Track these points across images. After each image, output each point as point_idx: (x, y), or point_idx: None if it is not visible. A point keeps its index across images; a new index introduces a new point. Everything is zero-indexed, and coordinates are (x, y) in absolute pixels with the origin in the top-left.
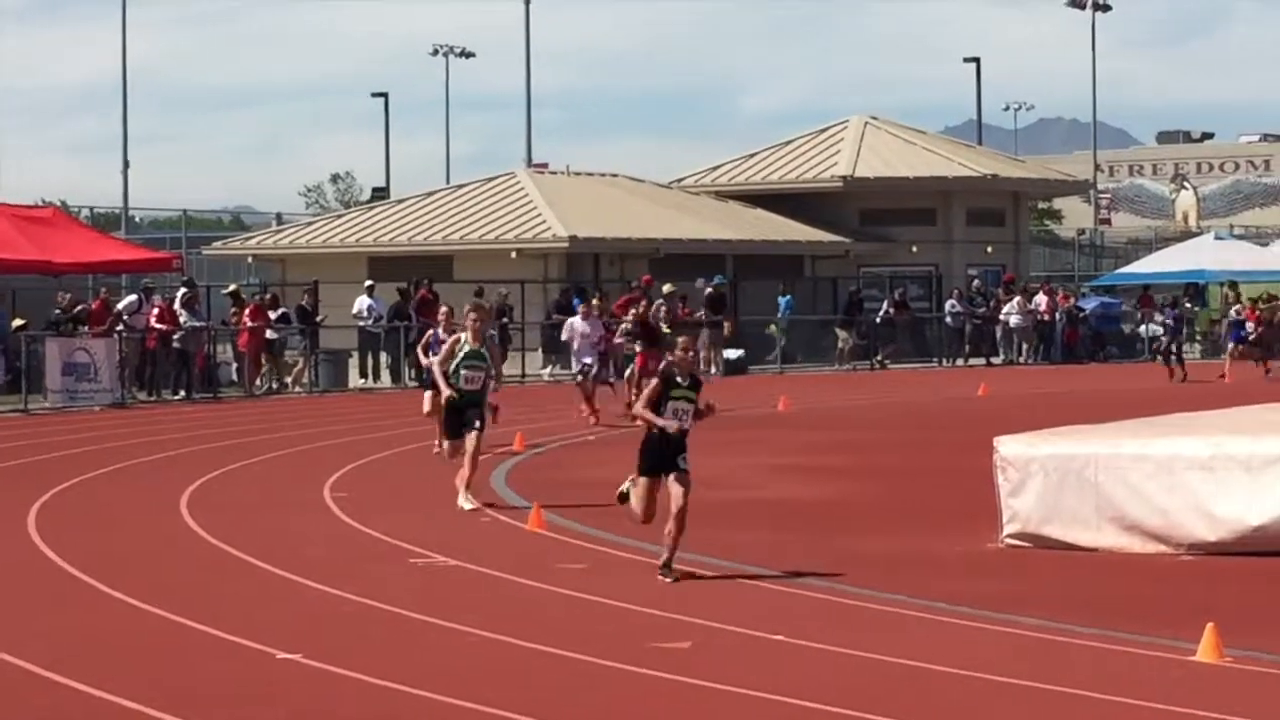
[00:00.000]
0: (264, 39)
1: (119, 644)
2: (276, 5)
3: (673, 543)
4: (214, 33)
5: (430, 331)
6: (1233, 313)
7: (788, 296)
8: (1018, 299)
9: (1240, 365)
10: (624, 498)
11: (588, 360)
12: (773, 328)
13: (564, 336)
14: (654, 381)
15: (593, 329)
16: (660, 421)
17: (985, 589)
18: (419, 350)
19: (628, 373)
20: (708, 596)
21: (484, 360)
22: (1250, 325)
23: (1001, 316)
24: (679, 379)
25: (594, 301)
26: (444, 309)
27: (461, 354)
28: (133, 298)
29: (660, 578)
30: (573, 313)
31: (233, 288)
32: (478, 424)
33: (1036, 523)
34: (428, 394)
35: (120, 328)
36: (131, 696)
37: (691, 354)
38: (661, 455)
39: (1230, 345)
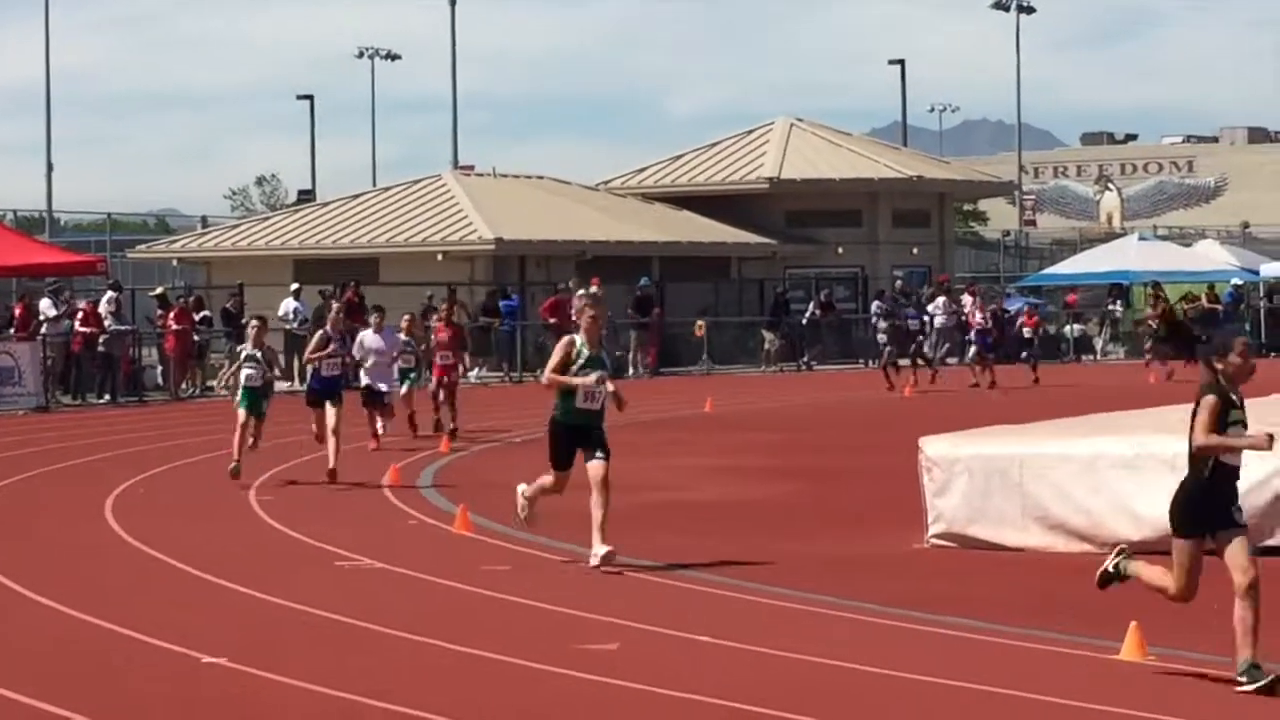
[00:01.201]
0: (189, 42)
1: (42, 649)
2: (201, 8)
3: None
4: (138, 36)
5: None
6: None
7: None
8: (942, 299)
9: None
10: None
11: (383, 387)
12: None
13: (356, 354)
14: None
15: (388, 344)
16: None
17: (911, 589)
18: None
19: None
20: (634, 598)
21: (605, 367)
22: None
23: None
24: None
25: (407, 317)
26: (406, 315)
27: (581, 360)
28: (45, 302)
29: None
30: (499, 314)
31: (159, 290)
32: (601, 452)
33: (962, 523)
34: (332, 409)
35: (43, 331)
36: (56, 702)
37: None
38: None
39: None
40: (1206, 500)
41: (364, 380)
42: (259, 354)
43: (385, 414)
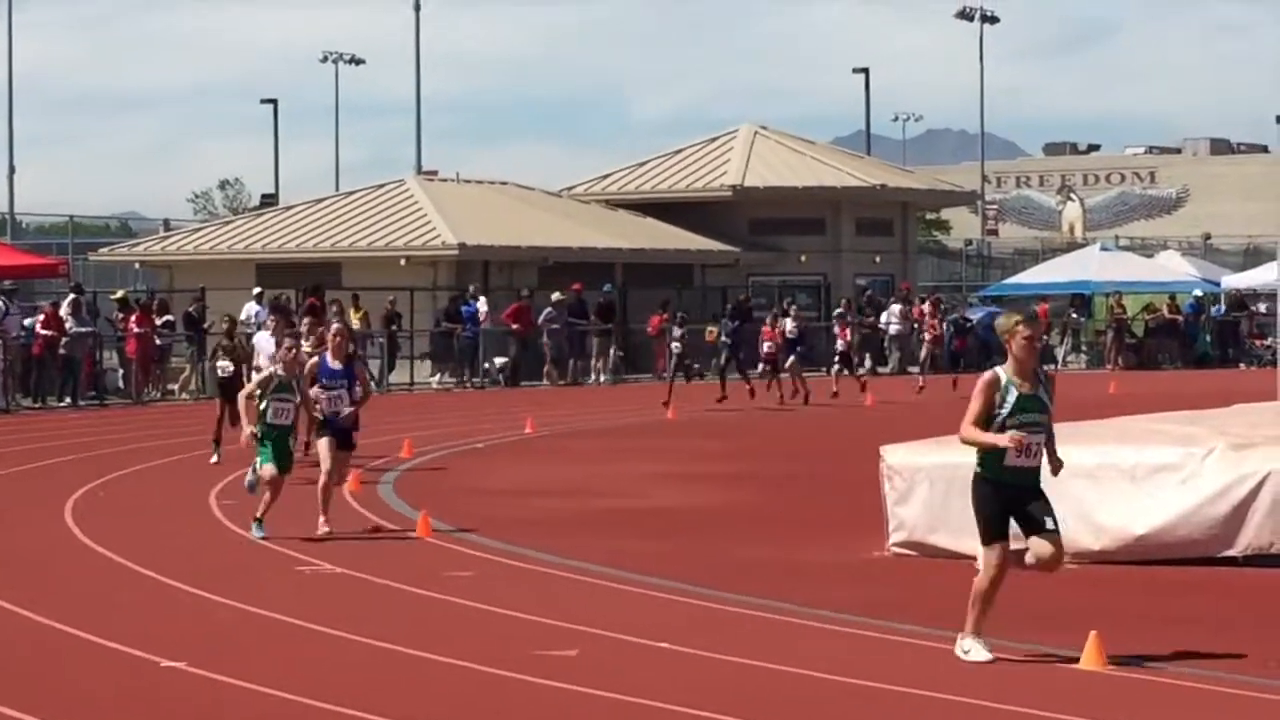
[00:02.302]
0: (152, 44)
1: (1, 651)
2: (164, 10)
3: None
4: (101, 37)
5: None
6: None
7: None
8: (898, 307)
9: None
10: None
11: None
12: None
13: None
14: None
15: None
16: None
17: (871, 597)
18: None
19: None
20: (594, 605)
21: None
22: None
23: (881, 325)
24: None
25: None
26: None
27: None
28: None
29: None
30: (460, 320)
31: (121, 294)
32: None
33: (923, 531)
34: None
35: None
36: (13, 704)
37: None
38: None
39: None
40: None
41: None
42: (294, 381)
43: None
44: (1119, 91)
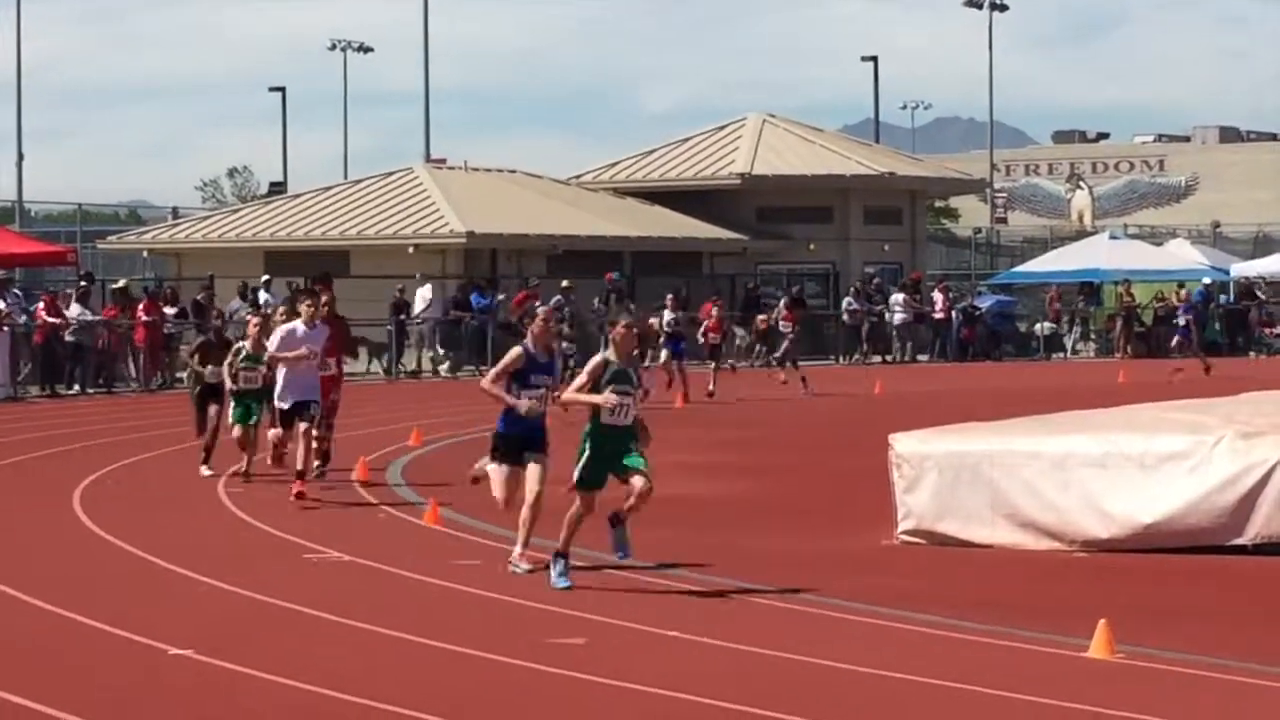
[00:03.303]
0: (161, 33)
1: (8, 641)
2: (173, 1)
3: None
4: (110, 27)
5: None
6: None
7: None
8: (902, 296)
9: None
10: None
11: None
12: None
13: (284, 344)
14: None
15: (320, 337)
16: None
17: (880, 585)
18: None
19: None
20: (604, 593)
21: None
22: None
23: (886, 314)
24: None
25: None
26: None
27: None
28: None
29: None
30: (469, 309)
31: (122, 283)
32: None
33: (931, 519)
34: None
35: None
36: (21, 693)
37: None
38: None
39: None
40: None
41: (281, 397)
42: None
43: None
44: (1128, 79)
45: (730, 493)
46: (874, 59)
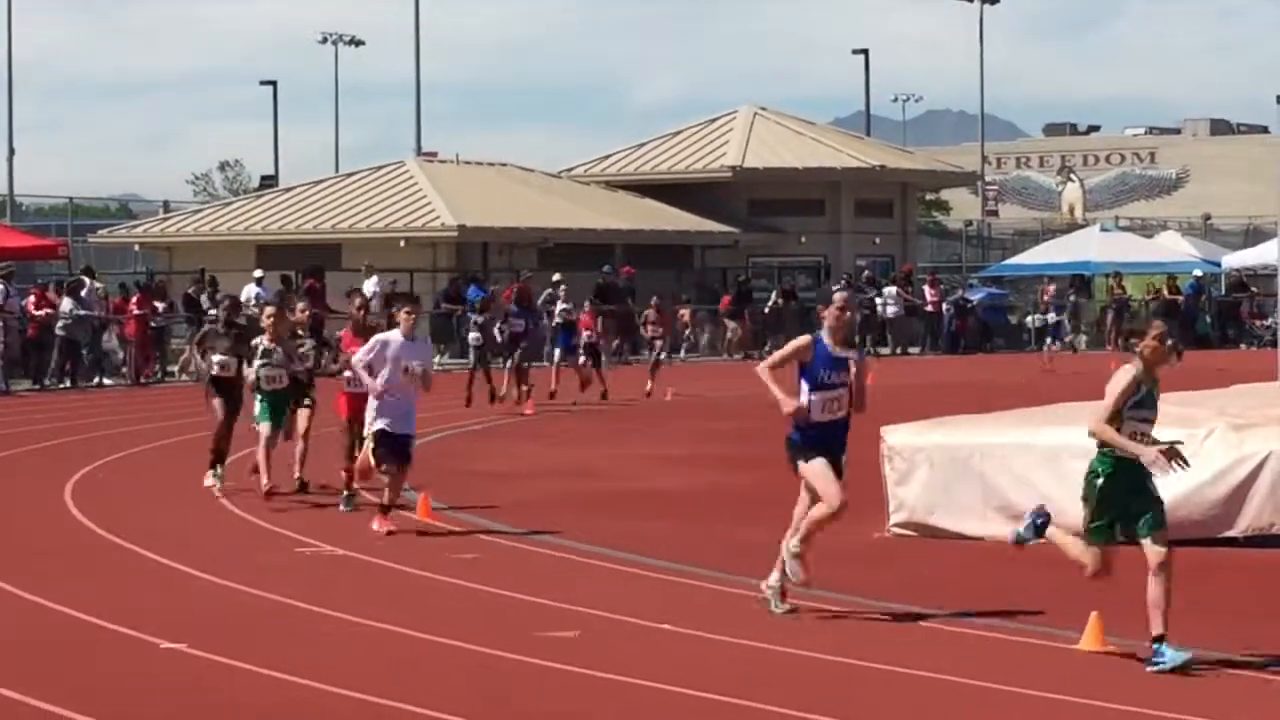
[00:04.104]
0: (152, 27)
1: (1, 635)
2: None
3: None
4: (101, 20)
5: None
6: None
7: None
8: (894, 289)
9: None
10: None
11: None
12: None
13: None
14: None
15: (421, 353)
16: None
17: (871, 578)
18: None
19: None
20: (596, 586)
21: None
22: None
23: (877, 307)
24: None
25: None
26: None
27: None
28: None
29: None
30: (463, 303)
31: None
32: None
33: (923, 512)
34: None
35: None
36: (13, 688)
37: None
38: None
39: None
40: None
41: (377, 418)
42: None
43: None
44: (1119, 72)
45: (719, 484)
46: (865, 52)
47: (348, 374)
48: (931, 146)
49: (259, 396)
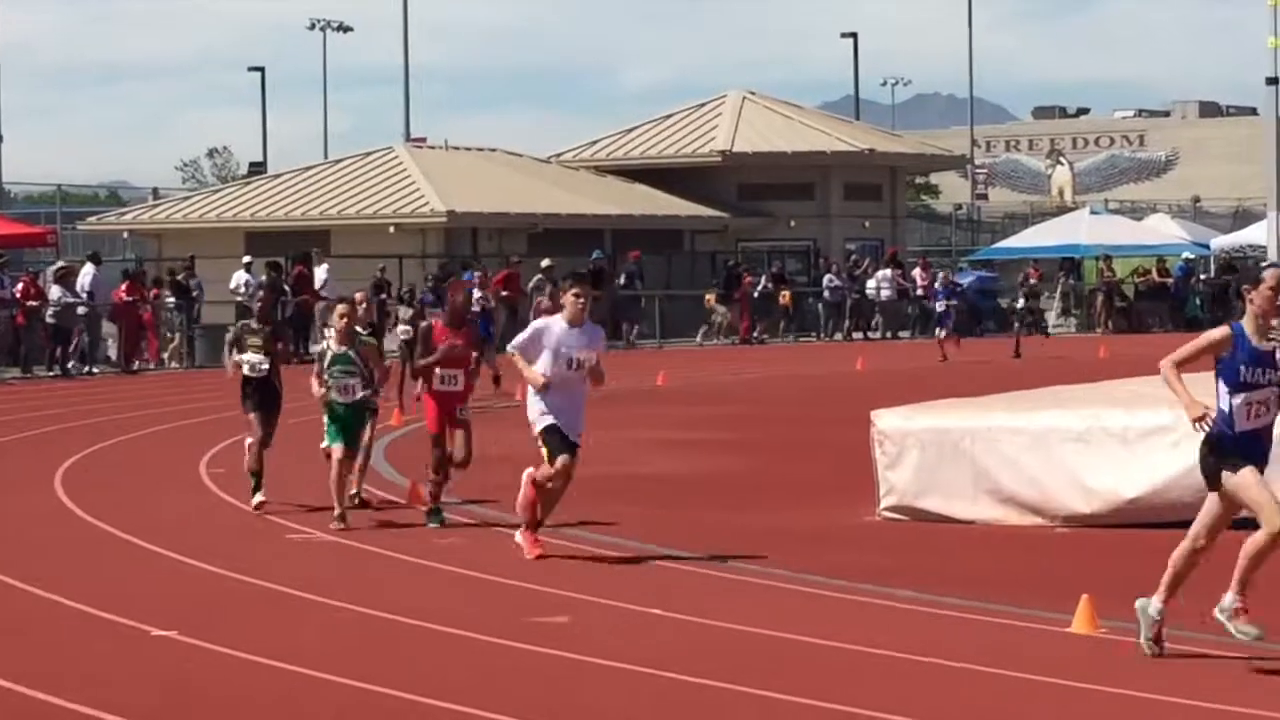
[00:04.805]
0: (139, 13)
1: None
2: None
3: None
4: (89, 7)
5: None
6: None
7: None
8: (887, 271)
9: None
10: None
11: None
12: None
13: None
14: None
15: (591, 341)
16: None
17: (862, 562)
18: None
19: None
20: (586, 571)
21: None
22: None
23: (870, 290)
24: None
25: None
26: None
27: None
28: None
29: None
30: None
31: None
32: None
33: (913, 495)
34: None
35: None
36: (2, 674)
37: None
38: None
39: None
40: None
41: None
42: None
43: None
44: (1108, 55)
45: (711, 469)
46: (854, 35)
47: (440, 371)
48: (921, 130)
49: (329, 413)
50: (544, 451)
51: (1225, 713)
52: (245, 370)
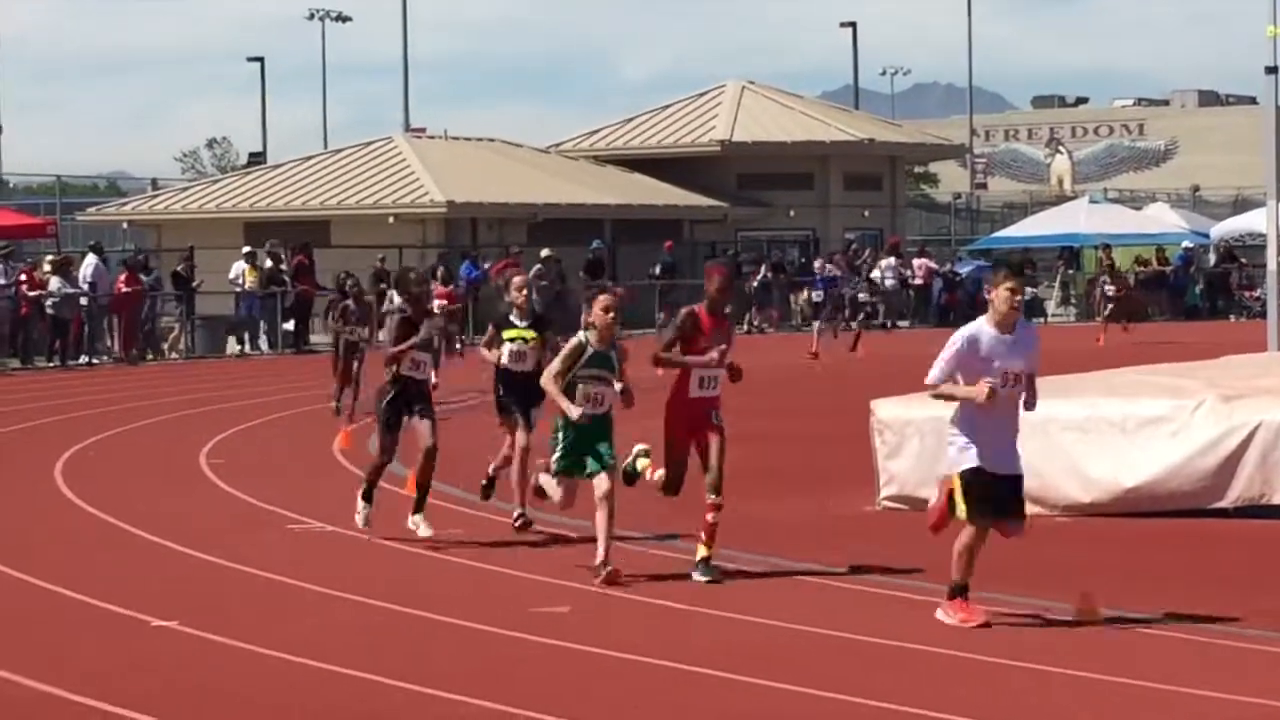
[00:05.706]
0: (138, 4)
1: None
2: None
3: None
4: None
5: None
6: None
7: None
8: (892, 260)
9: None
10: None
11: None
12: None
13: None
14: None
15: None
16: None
17: (862, 551)
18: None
19: None
20: (586, 561)
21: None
22: (1111, 289)
23: (874, 278)
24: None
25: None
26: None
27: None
28: None
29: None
30: (453, 279)
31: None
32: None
33: (913, 485)
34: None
35: None
36: (3, 665)
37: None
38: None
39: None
40: None
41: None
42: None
43: None
44: (1107, 44)
45: None
46: (853, 25)
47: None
48: (920, 119)
49: (574, 432)
50: (947, 499)
51: (1223, 700)
52: (405, 368)
